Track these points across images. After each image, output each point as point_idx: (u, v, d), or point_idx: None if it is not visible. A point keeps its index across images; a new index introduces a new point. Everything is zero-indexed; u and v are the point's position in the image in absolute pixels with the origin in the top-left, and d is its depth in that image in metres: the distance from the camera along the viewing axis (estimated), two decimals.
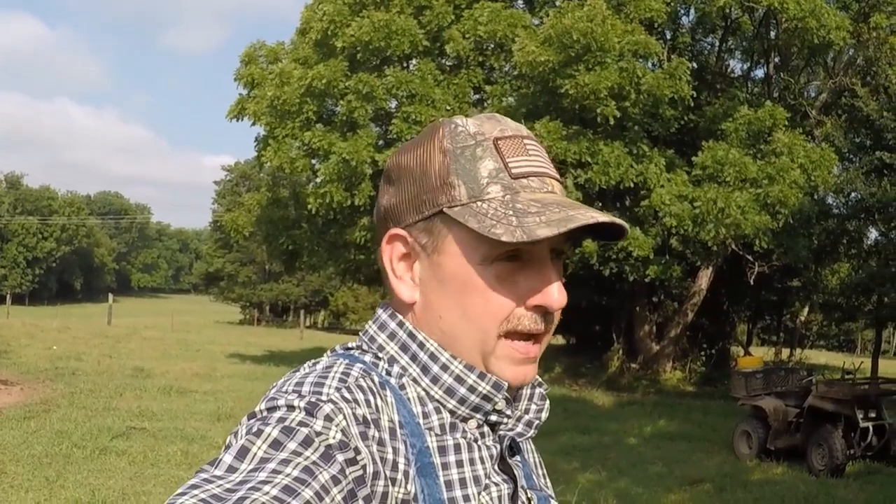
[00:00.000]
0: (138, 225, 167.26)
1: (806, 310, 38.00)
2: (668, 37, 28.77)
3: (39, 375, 22.73)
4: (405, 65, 27.71)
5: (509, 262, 1.33)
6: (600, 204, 26.10)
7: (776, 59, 28.39)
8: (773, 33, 27.35)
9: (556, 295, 1.34)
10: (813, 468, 14.91)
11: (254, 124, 28.40)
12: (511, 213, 1.29)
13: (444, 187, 1.35)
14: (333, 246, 29.91)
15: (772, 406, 16.10)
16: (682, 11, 29.00)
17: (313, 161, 27.75)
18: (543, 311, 1.35)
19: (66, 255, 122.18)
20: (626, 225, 1.35)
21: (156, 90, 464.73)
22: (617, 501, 11.99)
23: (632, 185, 24.12)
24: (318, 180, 26.63)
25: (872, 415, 15.09)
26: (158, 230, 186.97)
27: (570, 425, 19.49)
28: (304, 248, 30.89)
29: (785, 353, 35.63)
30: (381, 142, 26.84)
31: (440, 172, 1.36)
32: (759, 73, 30.61)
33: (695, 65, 27.61)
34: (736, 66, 32.70)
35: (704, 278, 28.17)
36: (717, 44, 30.37)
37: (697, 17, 29.86)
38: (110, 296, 60.45)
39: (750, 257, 25.53)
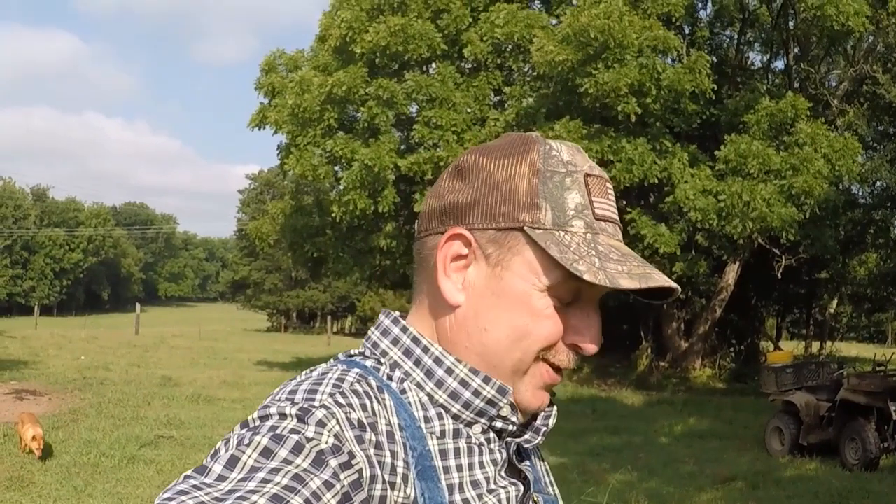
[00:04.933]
0: (164, 235, 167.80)
1: (835, 302, 37.76)
2: (687, 31, 28.65)
3: (67, 385, 22.90)
4: (424, 69, 27.71)
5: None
6: (624, 202, 26.03)
7: (795, 50, 28.28)
8: (791, 23, 27.27)
9: (594, 341, 1.35)
10: (846, 463, 14.81)
11: (275, 133, 28.48)
12: (594, 253, 1.28)
13: (528, 206, 1.32)
14: (359, 252, 29.93)
15: (803, 401, 15.99)
16: (700, 5, 28.96)
17: (336, 168, 27.75)
18: (578, 351, 1.35)
19: (94, 266, 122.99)
20: (678, 288, 1.34)
21: (186, 101, 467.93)
22: (648, 502, 11.94)
23: (656, 181, 24.01)
24: (341, 187, 26.63)
25: None
26: (185, 239, 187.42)
27: (600, 426, 19.47)
28: (329, 255, 30.97)
29: (815, 346, 35.40)
30: (402, 147, 26.81)
31: (527, 189, 1.33)
32: (779, 64, 30.56)
33: (714, 58, 27.48)
34: (755, 58, 32.64)
35: (731, 273, 28.03)
36: (736, 36, 30.24)
37: (715, 11, 29.77)
38: (137, 305, 60.62)
39: (776, 250, 25.41)
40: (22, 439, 13.56)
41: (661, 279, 1.28)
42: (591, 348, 1.34)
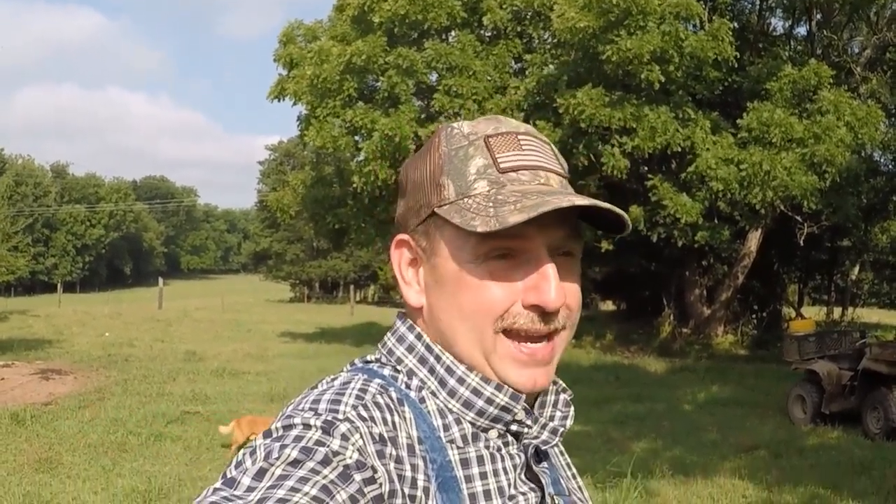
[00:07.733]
0: (185, 207, 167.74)
1: (857, 268, 37.62)
2: None
3: (93, 363, 23.02)
4: (444, 37, 27.61)
5: (503, 259, 1.31)
6: (646, 169, 25.91)
7: (818, 16, 28.03)
8: None
9: (552, 294, 1.29)
10: (868, 432, 14.75)
11: (295, 104, 28.45)
12: (490, 204, 1.29)
13: (436, 188, 1.36)
14: (381, 223, 29.83)
15: (825, 370, 15.91)
16: None
17: (356, 138, 27.70)
18: (541, 311, 1.31)
19: (115, 241, 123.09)
20: (624, 214, 1.31)
21: (210, 75, 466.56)
22: (672, 470, 11.91)
23: (679, 149, 23.90)
24: (362, 158, 26.61)
25: None
26: (206, 212, 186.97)
27: (624, 394, 19.48)
28: (351, 226, 30.93)
29: (837, 312, 35.29)
30: (423, 116, 26.72)
31: (434, 175, 1.37)
32: (802, 30, 30.29)
33: (736, 24, 27.21)
34: (778, 24, 32.29)
35: (754, 240, 27.93)
36: (758, 2, 29.96)
37: None
38: (160, 279, 60.85)
39: (799, 218, 25.29)
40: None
41: (556, 202, 1.24)
42: (548, 303, 1.29)
